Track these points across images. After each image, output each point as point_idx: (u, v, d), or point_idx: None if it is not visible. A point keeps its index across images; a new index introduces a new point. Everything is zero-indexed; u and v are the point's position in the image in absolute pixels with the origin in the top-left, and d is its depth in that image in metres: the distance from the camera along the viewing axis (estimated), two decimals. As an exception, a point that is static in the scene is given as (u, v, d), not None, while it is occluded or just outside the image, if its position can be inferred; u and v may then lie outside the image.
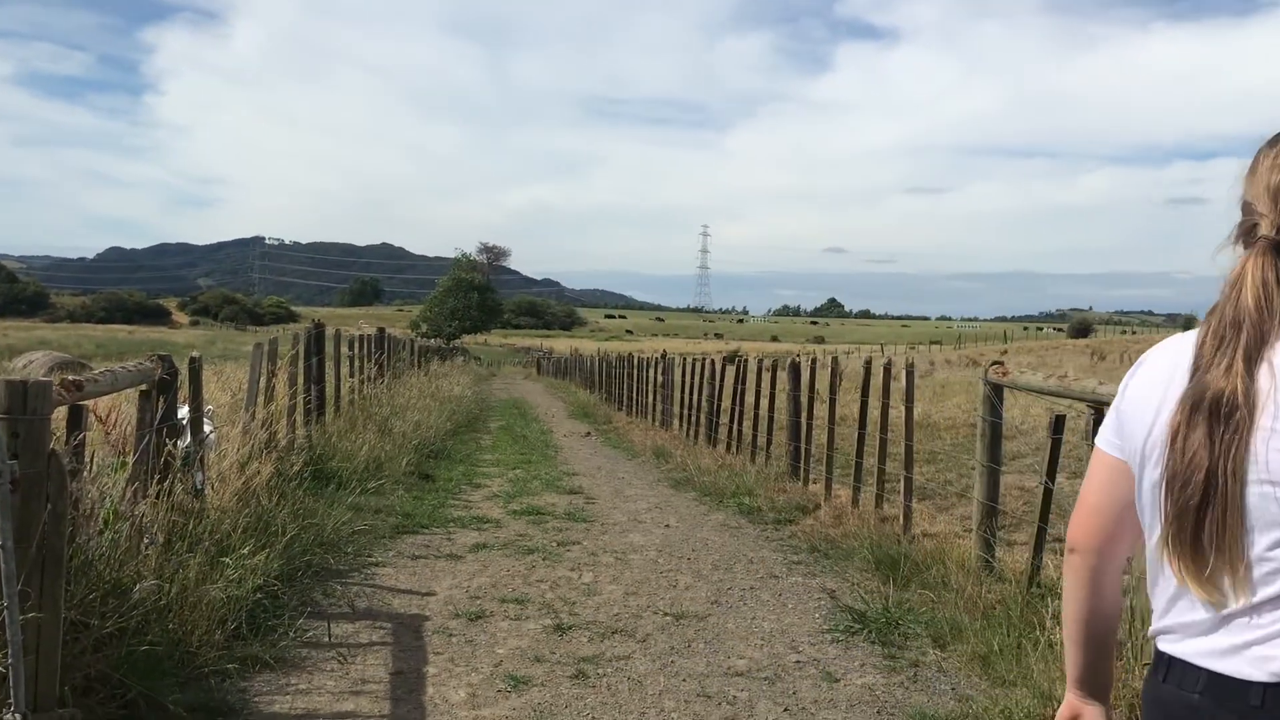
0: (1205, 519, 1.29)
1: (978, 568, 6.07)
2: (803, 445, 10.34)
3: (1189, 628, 1.36)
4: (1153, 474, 1.39)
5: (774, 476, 10.36)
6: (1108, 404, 5.08)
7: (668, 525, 8.69)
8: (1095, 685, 1.63)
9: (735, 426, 13.36)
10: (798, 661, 5.04)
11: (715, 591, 6.38)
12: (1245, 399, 1.28)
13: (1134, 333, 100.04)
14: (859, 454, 8.75)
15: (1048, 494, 5.64)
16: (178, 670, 4.30)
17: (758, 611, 5.95)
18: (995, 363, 6.37)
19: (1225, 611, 1.31)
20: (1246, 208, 1.42)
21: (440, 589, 6.24)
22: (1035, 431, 13.47)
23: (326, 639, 5.14)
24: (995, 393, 6.32)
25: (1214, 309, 1.37)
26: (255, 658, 4.68)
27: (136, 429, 5.01)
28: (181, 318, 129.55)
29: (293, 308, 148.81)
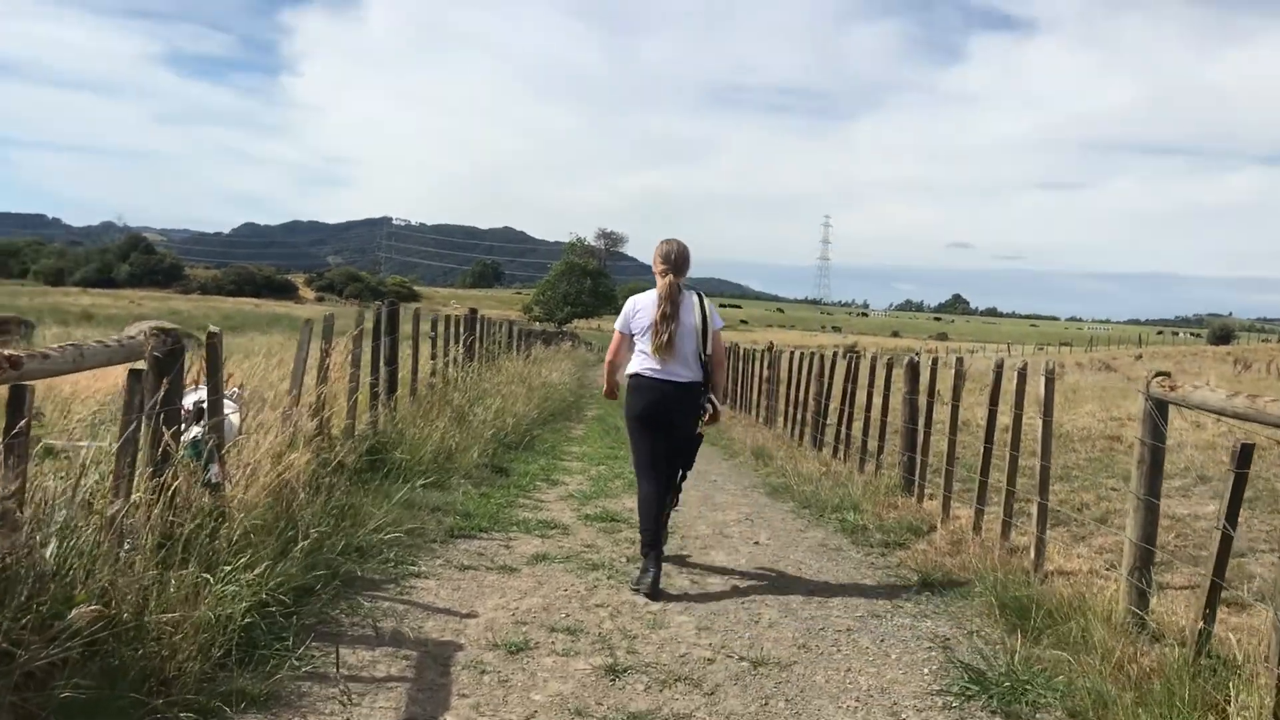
0: (670, 344, 6.18)
1: (1127, 622, 4.96)
2: (919, 455, 9.21)
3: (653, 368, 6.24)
4: (644, 335, 6.26)
5: (884, 489, 9.26)
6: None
7: (757, 542, 7.69)
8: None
9: (844, 429, 12.26)
10: (899, 738, 4.03)
11: (804, 632, 5.39)
12: (674, 316, 6.21)
13: (1279, 341, 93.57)
14: (984, 469, 7.62)
15: (1226, 541, 4.48)
16: (135, 708, 3.53)
17: (854, 662, 4.95)
18: (1160, 374, 5.20)
19: (667, 365, 6.21)
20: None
21: (484, 610, 5.41)
22: (1182, 448, 12.03)
23: (334, 670, 4.34)
24: (1159, 410, 5.16)
25: (660, 288, 6.28)
26: (243, 692, 3.90)
27: (122, 414, 4.26)
28: (308, 293, 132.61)
29: (416, 288, 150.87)
